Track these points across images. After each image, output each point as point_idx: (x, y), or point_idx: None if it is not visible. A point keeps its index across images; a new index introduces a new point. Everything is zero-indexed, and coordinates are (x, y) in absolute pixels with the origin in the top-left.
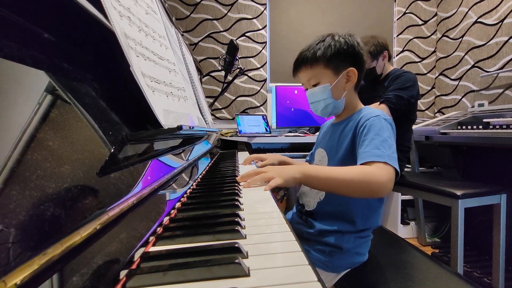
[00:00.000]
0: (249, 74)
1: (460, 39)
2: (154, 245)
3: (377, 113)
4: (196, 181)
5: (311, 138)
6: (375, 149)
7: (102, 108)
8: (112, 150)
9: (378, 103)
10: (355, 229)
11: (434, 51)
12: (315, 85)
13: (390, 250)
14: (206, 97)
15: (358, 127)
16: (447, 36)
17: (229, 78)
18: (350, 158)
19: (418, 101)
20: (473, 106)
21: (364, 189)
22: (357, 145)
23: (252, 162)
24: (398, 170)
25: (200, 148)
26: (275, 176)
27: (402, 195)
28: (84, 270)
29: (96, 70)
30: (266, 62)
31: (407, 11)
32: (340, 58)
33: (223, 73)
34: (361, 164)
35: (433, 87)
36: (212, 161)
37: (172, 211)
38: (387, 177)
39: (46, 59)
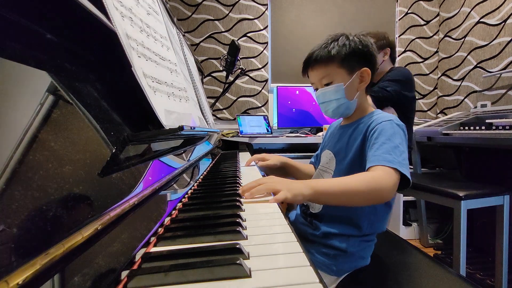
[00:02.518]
0: (251, 75)
1: (463, 39)
2: (155, 245)
3: (389, 117)
4: (197, 181)
5: (312, 139)
6: (386, 153)
7: (103, 109)
8: (114, 151)
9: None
10: (360, 233)
11: (437, 52)
12: (327, 85)
13: (392, 252)
14: (208, 97)
15: (368, 130)
16: (450, 36)
17: (231, 78)
18: (359, 161)
19: (421, 102)
20: (475, 107)
21: (373, 197)
22: (367, 147)
23: (253, 162)
24: (409, 177)
25: (201, 149)
26: (283, 189)
27: (404, 196)
28: (85, 270)
29: (98, 70)
30: (267, 63)
31: (409, 11)
32: (355, 57)
33: (224, 73)
34: (370, 167)
35: (435, 88)
36: (213, 162)
37: (173, 211)
38: (393, 183)
39: (48, 60)
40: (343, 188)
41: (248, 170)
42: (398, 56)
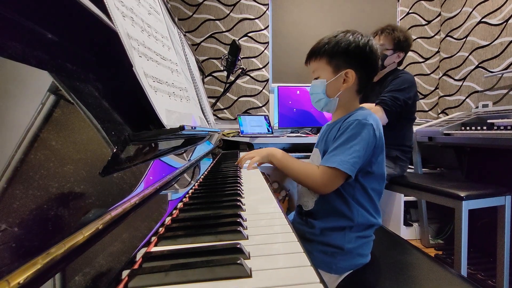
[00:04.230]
0: (251, 75)
1: (464, 39)
2: (156, 245)
3: (360, 116)
4: (198, 181)
5: (313, 139)
6: (335, 156)
7: (104, 108)
8: (115, 150)
9: (374, 104)
10: (353, 224)
11: (438, 51)
12: (316, 78)
13: (392, 252)
14: (208, 97)
15: (340, 128)
16: (451, 36)
17: (231, 78)
18: None
19: (422, 102)
20: (477, 107)
21: (303, 183)
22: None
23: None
24: (350, 173)
25: (202, 149)
26: (255, 155)
27: (405, 196)
28: (86, 270)
29: (99, 70)
30: (268, 63)
31: (410, 11)
32: (344, 57)
33: (225, 73)
34: (320, 165)
35: (436, 88)
36: (214, 162)
37: (174, 211)
38: (324, 181)
39: (50, 60)
40: (291, 166)
41: (249, 170)
42: None
